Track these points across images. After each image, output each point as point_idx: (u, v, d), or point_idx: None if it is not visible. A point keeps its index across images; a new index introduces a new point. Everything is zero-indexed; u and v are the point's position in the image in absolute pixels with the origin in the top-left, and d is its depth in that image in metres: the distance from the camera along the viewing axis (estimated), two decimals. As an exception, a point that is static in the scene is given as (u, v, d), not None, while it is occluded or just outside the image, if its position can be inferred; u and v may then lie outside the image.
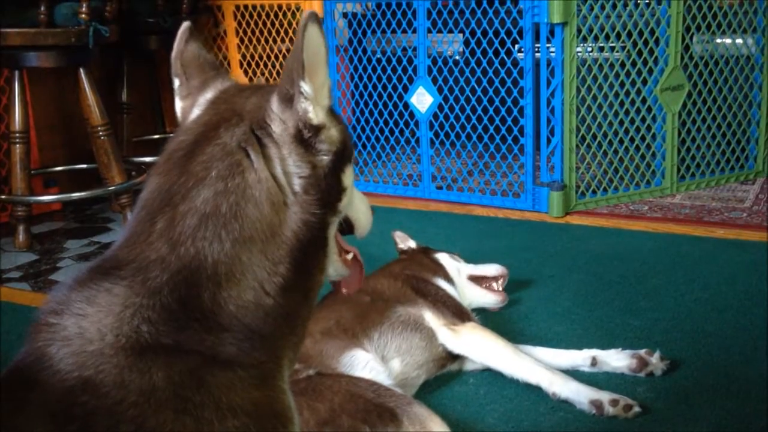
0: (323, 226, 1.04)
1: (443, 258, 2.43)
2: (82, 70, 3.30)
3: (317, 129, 1.02)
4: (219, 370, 0.94)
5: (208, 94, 1.11)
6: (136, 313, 0.92)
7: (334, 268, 1.16)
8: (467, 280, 2.41)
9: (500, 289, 2.46)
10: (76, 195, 3.50)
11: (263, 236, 0.98)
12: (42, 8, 3.08)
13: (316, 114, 1.02)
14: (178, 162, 1.00)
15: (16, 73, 3.25)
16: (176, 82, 1.16)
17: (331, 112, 1.06)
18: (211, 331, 0.94)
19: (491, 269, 2.47)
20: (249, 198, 0.98)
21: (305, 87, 1.00)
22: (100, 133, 3.36)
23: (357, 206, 1.17)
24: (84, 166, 3.79)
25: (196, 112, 1.09)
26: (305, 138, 1.01)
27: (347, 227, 1.17)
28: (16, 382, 0.91)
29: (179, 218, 0.96)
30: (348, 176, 1.08)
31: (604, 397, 1.88)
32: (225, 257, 0.96)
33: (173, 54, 1.17)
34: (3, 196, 3.40)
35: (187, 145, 1.01)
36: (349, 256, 1.19)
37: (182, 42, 1.18)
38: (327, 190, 1.03)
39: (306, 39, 0.99)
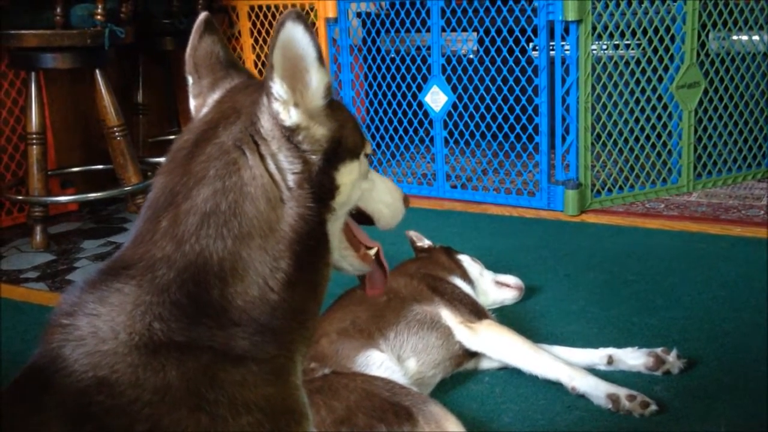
0: (321, 220, 1.04)
1: (464, 259, 2.43)
2: (98, 72, 3.32)
3: (291, 130, 1.01)
4: (231, 366, 0.94)
5: (216, 95, 1.12)
6: (147, 310, 0.93)
7: (350, 263, 1.18)
8: (486, 281, 2.42)
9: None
10: (92, 195, 3.52)
11: (262, 232, 0.99)
12: (58, 10, 3.10)
13: (289, 116, 1.00)
14: (181, 162, 1.02)
15: (33, 74, 3.27)
16: (189, 80, 1.17)
17: (324, 110, 1.03)
18: (222, 327, 0.95)
19: (508, 279, 2.47)
20: (246, 195, 0.99)
21: (275, 89, 1.00)
22: (116, 133, 3.38)
23: (378, 198, 1.18)
24: (100, 166, 3.81)
25: (203, 111, 1.10)
26: (288, 136, 1.02)
27: (364, 219, 1.18)
28: (32, 383, 0.92)
29: (182, 217, 0.97)
30: (346, 174, 1.07)
31: (622, 392, 1.88)
32: (228, 254, 0.97)
33: (187, 51, 1.18)
34: (20, 197, 3.42)
35: (189, 144, 1.03)
36: (372, 252, 1.21)
37: (197, 37, 1.18)
38: (320, 187, 1.03)
39: (280, 39, 0.98)
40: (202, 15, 1.19)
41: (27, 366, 0.95)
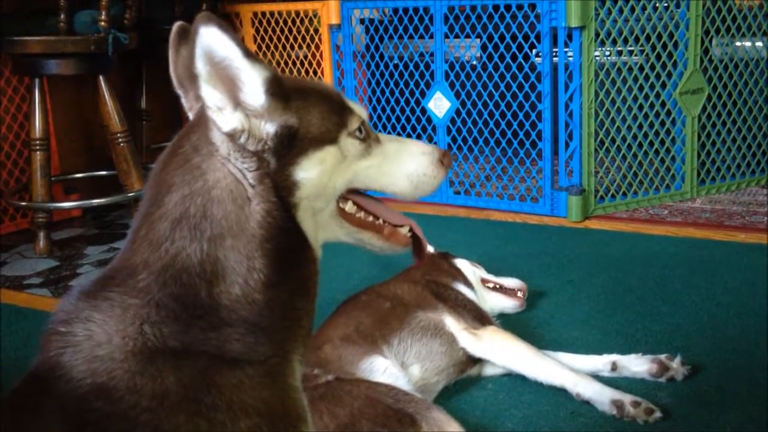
0: (289, 216, 1.02)
1: (462, 264, 2.42)
2: (101, 78, 3.33)
3: (230, 135, 1.00)
4: (227, 370, 0.95)
5: (198, 105, 1.12)
6: (135, 314, 0.95)
7: (376, 246, 1.17)
8: (486, 286, 2.41)
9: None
10: (96, 201, 3.52)
11: (232, 233, 1.00)
12: (62, 16, 3.11)
13: (225, 121, 1.00)
14: (158, 173, 1.05)
15: (37, 80, 3.28)
16: (180, 95, 1.18)
17: (270, 105, 1.01)
18: (214, 328, 0.97)
19: (511, 282, 2.46)
20: (213, 198, 1.00)
21: (205, 97, 0.99)
22: (120, 139, 3.38)
23: (391, 171, 1.14)
24: (104, 172, 3.82)
25: None
26: (230, 139, 1.02)
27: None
28: (33, 390, 0.94)
29: (156, 223, 1.01)
30: (312, 165, 1.04)
31: (626, 398, 1.87)
32: (206, 256, 0.98)
33: (170, 67, 1.18)
34: (24, 203, 3.42)
35: (164, 156, 1.05)
36: (404, 230, 1.20)
37: (173, 52, 1.18)
38: (277, 184, 1.02)
39: (198, 47, 0.96)
40: (175, 26, 1.18)
41: (27, 374, 0.96)
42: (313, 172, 1.04)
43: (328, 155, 1.06)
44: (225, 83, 0.99)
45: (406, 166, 1.15)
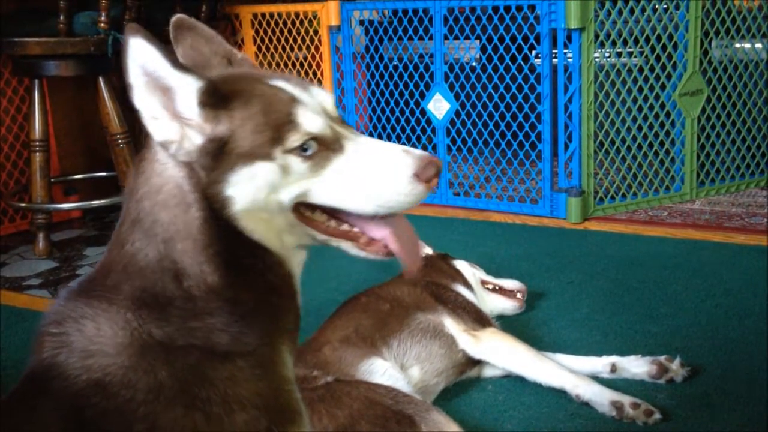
0: (229, 225, 1.00)
1: (461, 265, 2.42)
2: (101, 79, 3.32)
3: (163, 144, 1.00)
4: (219, 364, 0.96)
5: None
6: (118, 311, 0.97)
7: (354, 253, 1.08)
8: (485, 287, 2.41)
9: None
10: (95, 203, 3.52)
11: (180, 236, 1.00)
12: (62, 18, 3.11)
13: (159, 131, 1.00)
14: (129, 183, 1.06)
15: (36, 82, 3.28)
16: None
17: (203, 117, 0.99)
18: (195, 317, 0.97)
19: (510, 283, 2.46)
20: (159, 202, 1.01)
21: (138, 107, 0.99)
22: (120, 141, 3.38)
23: (344, 189, 1.02)
24: (103, 174, 3.82)
25: None
26: (164, 148, 1.02)
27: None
28: (31, 392, 0.95)
29: (121, 225, 1.04)
30: (241, 182, 0.99)
31: (626, 399, 1.87)
32: (164, 256, 1.00)
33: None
34: (23, 204, 3.42)
35: (135, 167, 1.07)
36: (379, 243, 1.07)
37: (175, 45, 1.18)
38: (209, 197, 0.99)
39: (129, 59, 0.96)
40: (173, 20, 1.18)
41: (24, 376, 0.98)
42: (244, 189, 0.99)
43: (260, 172, 0.99)
44: (159, 94, 0.98)
45: (371, 185, 1.02)
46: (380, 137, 3.97)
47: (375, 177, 1.02)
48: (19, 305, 2.80)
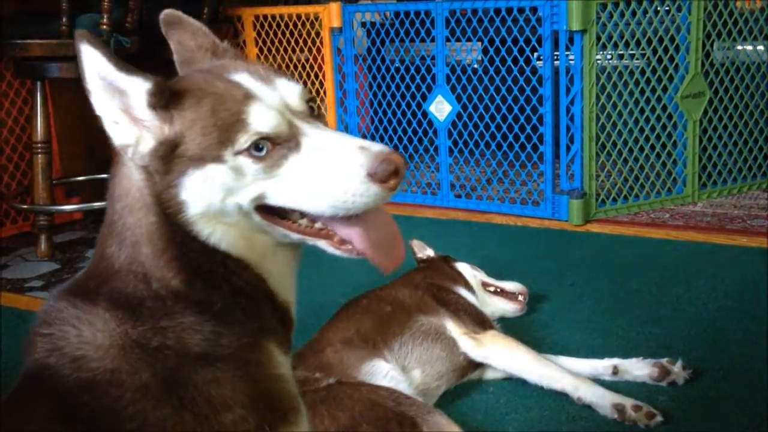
0: (186, 230, 0.98)
1: (463, 267, 2.42)
2: (103, 81, 3.33)
3: (121, 148, 1.00)
4: (199, 368, 0.96)
5: None
6: (98, 309, 0.97)
7: (331, 252, 1.04)
8: (486, 290, 2.41)
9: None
10: (97, 204, 3.51)
11: (144, 239, 1.00)
12: (64, 19, 3.11)
13: (117, 135, 1.00)
14: (108, 186, 1.07)
15: (39, 83, 3.28)
16: None
17: (155, 118, 0.98)
18: (167, 316, 0.97)
19: (511, 285, 2.46)
20: (126, 205, 1.02)
21: (97, 112, 1.00)
22: (121, 142, 3.38)
23: (299, 189, 0.98)
24: (105, 175, 3.78)
25: None
26: (124, 152, 1.02)
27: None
28: (27, 393, 0.96)
29: (103, 228, 1.05)
30: (194, 186, 0.97)
31: (628, 402, 1.87)
32: (133, 258, 1.00)
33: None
34: (25, 206, 3.42)
35: (111, 170, 1.07)
36: (348, 244, 1.03)
37: (169, 40, 1.20)
38: (164, 201, 0.98)
39: (82, 66, 0.97)
40: (161, 16, 1.19)
41: (20, 377, 1.00)
42: (197, 193, 0.97)
43: (213, 174, 0.96)
44: (119, 97, 0.98)
45: (323, 186, 0.97)
46: (381, 139, 3.97)
47: (327, 178, 0.96)
48: (20, 307, 2.80)
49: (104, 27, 3.16)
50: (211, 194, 0.97)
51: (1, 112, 3.63)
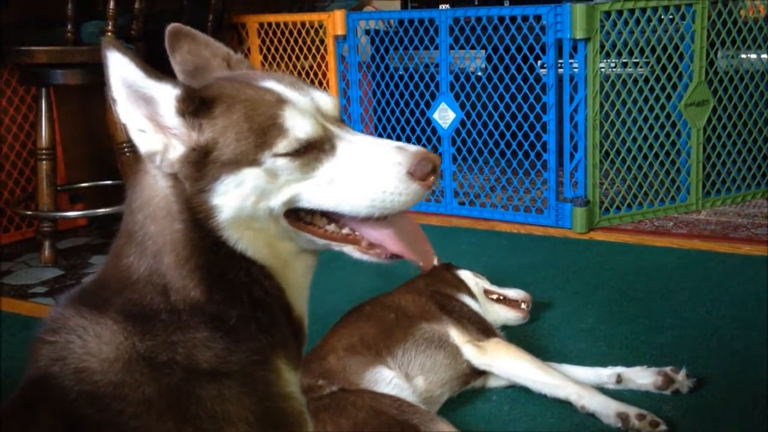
0: (213, 236, 0.99)
1: (466, 275, 2.42)
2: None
3: (148, 156, 1.01)
4: (206, 383, 0.95)
5: None
6: (107, 320, 0.97)
7: (357, 257, 1.06)
8: (489, 297, 2.40)
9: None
10: (101, 211, 3.52)
11: (167, 249, 0.99)
12: (69, 26, 3.12)
13: (144, 143, 1.00)
14: (127, 195, 1.06)
15: (43, 90, 3.29)
16: None
17: (185, 126, 0.98)
18: (180, 330, 0.97)
19: (515, 293, 2.45)
20: (149, 215, 1.01)
21: (123, 120, 0.99)
22: (126, 149, 3.38)
23: (339, 191, 0.99)
24: (109, 182, 3.83)
25: None
26: (150, 160, 1.02)
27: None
28: (29, 401, 0.96)
29: (119, 238, 1.04)
30: (227, 191, 0.97)
31: (632, 411, 1.87)
32: (153, 269, 0.99)
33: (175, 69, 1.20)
34: (29, 212, 3.43)
35: (132, 179, 1.07)
36: (378, 248, 1.05)
37: (171, 54, 1.19)
38: (194, 207, 0.99)
39: (110, 73, 0.97)
40: (168, 29, 1.18)
41: (22, 384, 0.99)
42: (230, 198, 0.98)
43: (247, 178, 0.97)
44: (143, 105, 0.98)
45: (362, 185, 0.99)
46: (385, 146, 3.96)
47: (366, 177, 0.99)
48: (24, 313, 2.80)
49: (109, 34, 3.17)
50: (244, 198, 0.98)
51: (5, 119, 3.64)
